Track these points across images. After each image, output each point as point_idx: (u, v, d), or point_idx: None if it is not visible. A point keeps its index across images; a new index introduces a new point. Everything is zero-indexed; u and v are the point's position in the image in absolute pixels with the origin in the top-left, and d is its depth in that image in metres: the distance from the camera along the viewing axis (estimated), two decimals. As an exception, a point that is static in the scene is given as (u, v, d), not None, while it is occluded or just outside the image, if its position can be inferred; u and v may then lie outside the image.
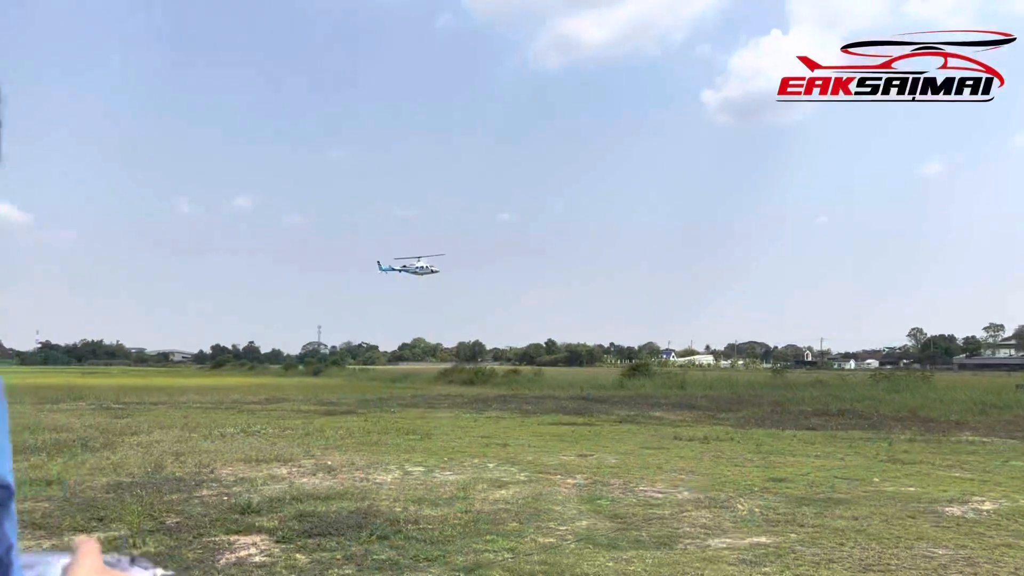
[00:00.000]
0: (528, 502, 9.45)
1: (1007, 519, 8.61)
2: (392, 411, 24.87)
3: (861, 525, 8.24)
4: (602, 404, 29.48)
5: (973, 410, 25.63)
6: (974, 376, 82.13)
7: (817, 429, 19.98)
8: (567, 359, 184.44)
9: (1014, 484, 11.09)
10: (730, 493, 10.19)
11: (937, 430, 19.79)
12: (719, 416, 24.16)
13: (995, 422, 22.28)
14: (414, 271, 79.71)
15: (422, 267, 79.50)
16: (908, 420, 22.76)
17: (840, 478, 11.49)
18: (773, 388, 40.50)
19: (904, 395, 32.13)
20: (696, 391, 39.80)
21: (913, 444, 16.47)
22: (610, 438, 17.20)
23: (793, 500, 9.68)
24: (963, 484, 11.06)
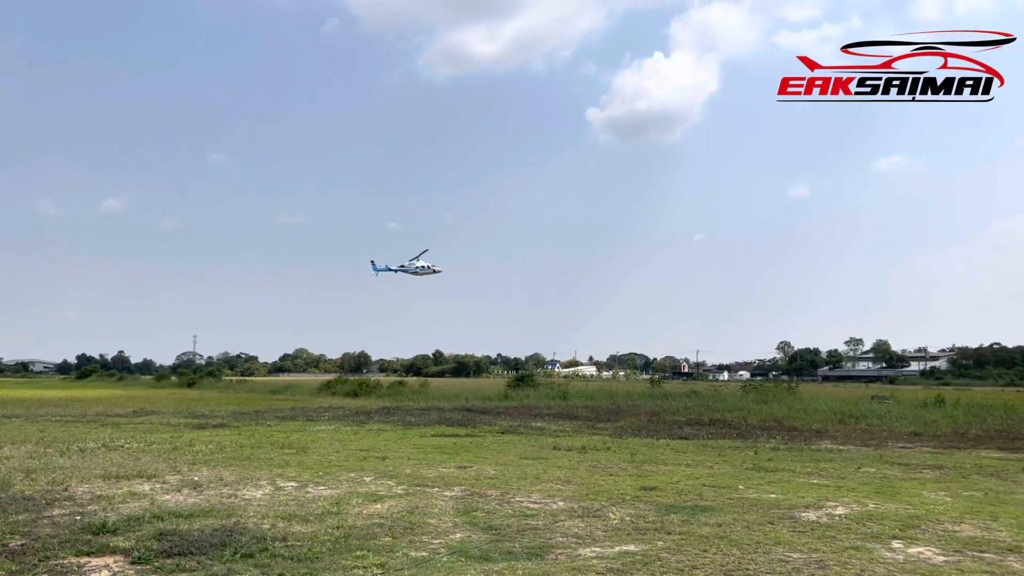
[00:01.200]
0: (403, 516, 9.32)
1: (857, 523, 9.15)
2: (268, 424, 24.08)
3: (724, 532, 8.55)
4: (486, 415, 29.54)
5: (833, 420, 27.21)
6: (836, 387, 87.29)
7: (689, 438, 20.69)
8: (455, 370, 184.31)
9: (865, 489, 11.80)
10: (603, 502, 10.39)
11: (800, 439, 20.89)
12: (598, 426, 24.66)
13: (852, 431, 23.72)
14: (413, 272, 75.53)
15: (422, 267, 75.13)
16: (774, 429, 23.92)
17: (708, 486, 11.93)
18: (650, 398, 41.69)
19: (771, 405, 33.71)
20: (578, 401, 40.49)
21: (777, 452, 17.31)
22: (491, 449, 17.24)
23: (662, 508, 9.96)
24: (820, 490, 11.69)
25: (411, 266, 75.00)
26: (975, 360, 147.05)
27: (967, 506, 10.39)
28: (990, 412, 29.12)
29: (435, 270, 76.12)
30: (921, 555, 7.62)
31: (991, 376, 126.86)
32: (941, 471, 14.19)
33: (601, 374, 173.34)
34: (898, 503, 10.53)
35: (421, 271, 75.16)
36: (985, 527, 8.97)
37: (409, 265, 75.07)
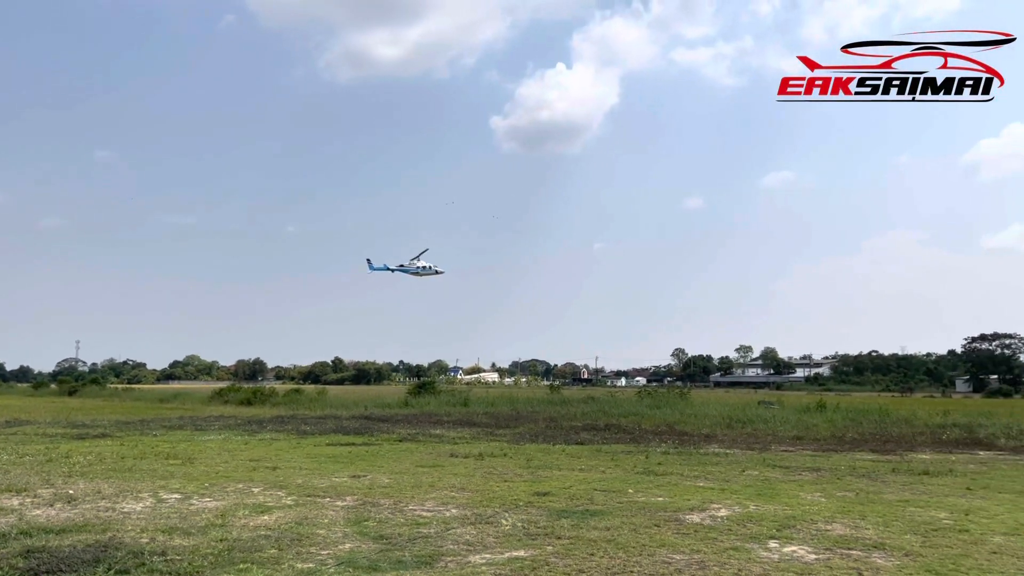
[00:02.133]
0: (291, 527, 9.11)
1: (737, 524, 9.52)
2: (154, 434, 23.09)
3: (612, 535, 8.74)
4: (384, 423, 29.21)
5: (721, 424, 28.20)
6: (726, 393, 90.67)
7: (585, 443, 21.05)
8: (355, 377, 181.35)
9: (747, 492, 12.29)
10: (497, 508, 10.45)
11: (690, 443, 21.56)
12: (497, 433, 24.76)
13: (738, 435, 24.66)
14: (413, 272, 71.69)
15: (423, 267, 71.26)
16: (666, 434, 24.61)
17: (599, 490, 12.17)
18: (550, 404, 42.16)
19: (664, 411, 34.67)
20: (478, 408, 40.52)
21: (667, 456, 17.81)
22: (387, 458, 17.06)
23: (554, 513, 10.10)
24: (705, 493, 12.11)
25: (411, 266, 71.34)
26: (855, 367, 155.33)
27: (839, 506, 10.96)
28: (866, 416, 30.80)
29: (437, 271, 72.40)
30: (795, 554, 7.99)
31: (869, 382, 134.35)
32: (818, 473, 14.93)
33: (503, 380, 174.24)
34: (777, 504, 11.01)
35: (422, 271, 71.53)
36: (854, 526, 9.48)
37: (409, 265, 71.43)
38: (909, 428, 27.05)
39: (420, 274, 71.74)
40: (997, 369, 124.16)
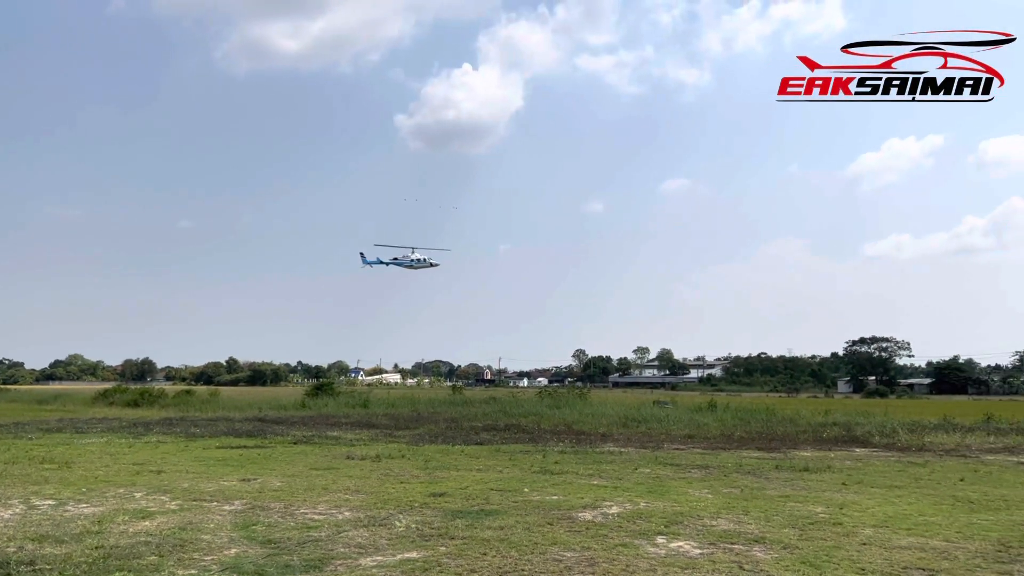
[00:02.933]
0: (174, 532, 8.77)
1: (628, 521, 9.74)
2: (29, 437, 21.79)
3: (506, 534, 8.80)
4: (279, 425, 28.48)
5: (618, 423, 28.81)
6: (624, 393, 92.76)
7: (485, 444, 21.11)
8: (250, 378, 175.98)
9: (639, 489, 12.59)
10: (391, 510, 10.35)
11: (587, 442, 21.93)
12: (396, 434, 24.53)
13: (634, 434, 25.25)
14: (407, 265, 69.60)
15: (418, 260, 69.15)
16: (564, 433, 24.95)
17: (495, 490, 12.23)
18: (451, 405, 42.11)
19: (564, 411, 35.15)
20: (378, 410, 40.04)
21: (564, 455, 18.06)
22: (280, 460, 16.64)
23: (449, 514, 10.08)
24: (598, 491, 12.34)
25: (404, 259, 69.69)
26: (745, 368, 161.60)
27: (725, 502, 11.37)
28: (753, 416, 32.09)
29: (432, 263, 70.42)
30: (681, 549, 8.24)
31: (758, 383, 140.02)
32: (707, 470, 15.45)
33: (406, 381, 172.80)
34: (666, 501, 11.33)
35: (417, 264, 69.79)
36: (738, 521, 9.86)
37: (403, 258, 69.74)
38: (793, 427, 28.30)
39: (414, 267, 70.26)
40: (875, 371, 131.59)
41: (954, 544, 8.56)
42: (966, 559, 7.87)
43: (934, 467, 16.54)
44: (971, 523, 9.83)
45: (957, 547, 8.41)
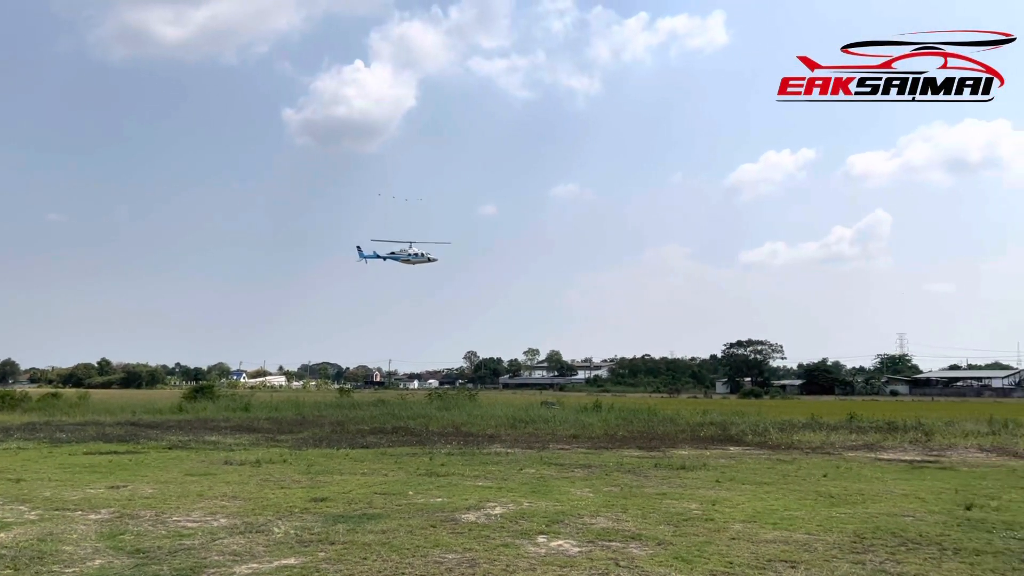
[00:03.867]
0: (32, 544, 8.25)
1: (510, 521, 9.84)
2: None
3: (388, 538, 8.73)
4: (154, 430, 27.21)
5: (505, 424, 29.05)
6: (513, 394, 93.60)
7: (371, 447, 20.85)
8: (124, 381, 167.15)
9: (523, 489, 12.74)
10: (270, 516, 10.08)
11: (474, 443, 22.00)
12: (279, 438, 23.90)
13: (521, 435, 25.52)
14: (404, 259, 66.60)
15: (416, 254, 66.24)
16: (452, 435, 24.95)
17: (379, 493, 12.10)
18: (338, 408, 41.36)
19: (453, 412, 35.18)
20: (261, 413, 38.87)
21: (451, 458, 18.06)
22: (153, 467, 15.91)
23: (330, 519, 9.91)
24: (483, 492, 12.41)
25: (402, 253, 66.96)
26: (630, 369, 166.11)
27: (605, 500, 11.66)
28: (636, 416, 33.06)
29: (430, 258, 67.63)
30: (560, 547, 8.40)
31: (642, 384, 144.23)
32: (589, 470, 15.79)
33: (291, 384, 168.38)
34: (549, 501, 11.51)
35: (415, 259, 67.01)
36: (616, 518, 10.13)
37: (400, 252, 66.96)
38: (673, 426, 29.31)
39: (412, 262, 67.92)
40: (751, 372, 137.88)
41: (815, 537, 9.08)
42: (824, 550, 8.36)
43: (800, 464, 17.48)
44: (831, 516, 10.45)
45: (817, 539, 8.93)
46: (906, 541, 8.84)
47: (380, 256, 68.38)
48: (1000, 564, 7.77)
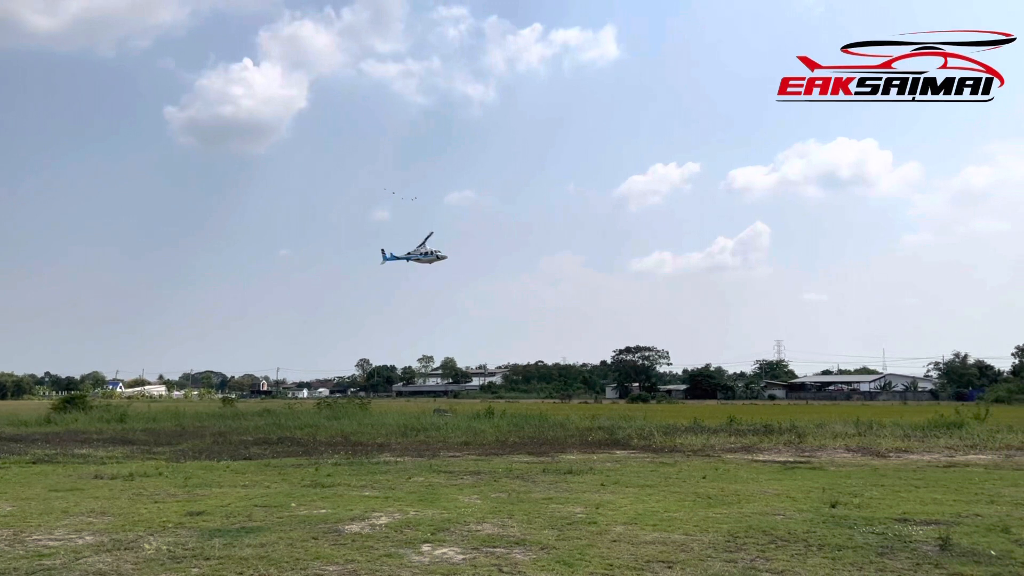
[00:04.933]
0: None
1: (395, 531, 9.73)
2: None
3: (267, 552, 8.46)
4: (17, 443, 25.49)
5: (397, 433, 28.72)
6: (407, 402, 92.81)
7: (254, 458, 20.20)
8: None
9: (410, 498, 12.63)
10: (141, 532, 9.61)
11: (363, 453, 21.66)
12: (155, 451, 22.83)
13: (412, 443, 25.30)
14: (418, 258, 67.55)
15: (428, 253, 67.29)
16: (340, 445, 24.47)
17: (260, 506, 11.73)
18: (221, 418, 39.81)
19: (343, 422, 34.49)
20: (137, 425, 36.97)
21: (338, 468, 17.71)
22: (13, 482, 14.90)
23: (206, 533, 9.53)
24: (369, 502, 12.22)
25: (416, 252, 67.65)
26: (523, 376, 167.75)
27: (492, 507, 11.70)
28: (527, 421, 33.32)
29: (440, 256, 68.35)
30: (445, 556, 8.36)
31: (535, 390, 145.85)
32: (478, 476, 15.82)
33: (172, 394, 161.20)
34: (436, 509, 11.45)
35: (426, 257, 67.68)
36: (502, 525, 10.18)
37: (415, 252, 67.70)
38: (563, 431, 29.73)
39: (428, 261, 68.50)
40: (639, 377, 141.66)
41: (692, 537, 9.39)
42: (700, 550, 8.66)
43: (681, 466, 18.06)
44: (708, 517, 10.83)
45: (694, 539, 9.24)
46: (776, 539, 9.27)
47: (398, 257, 69.21)
48: (859, 558, 8.25)
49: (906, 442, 24.57)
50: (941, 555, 8.34)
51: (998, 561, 8.10)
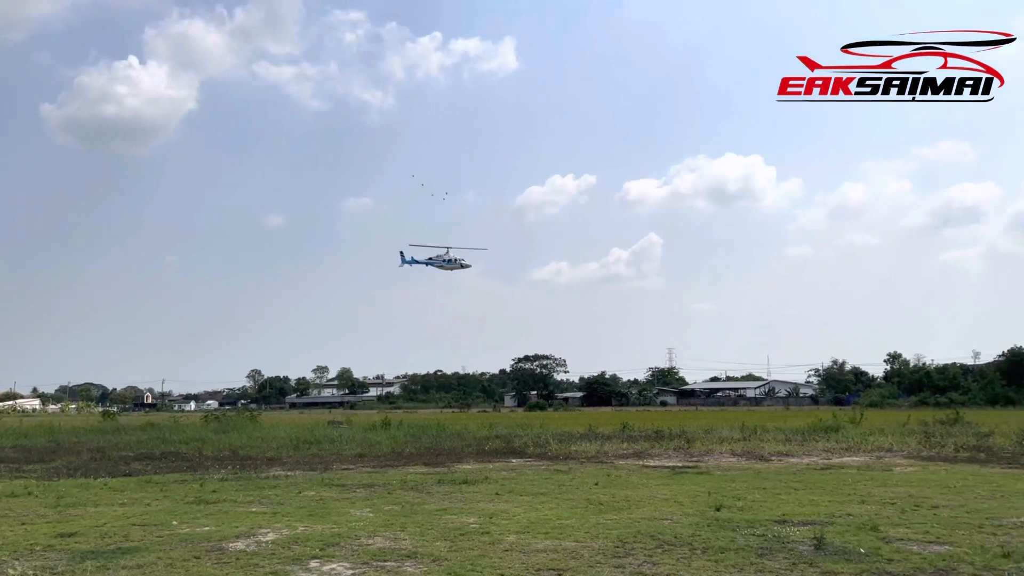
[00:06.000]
0: None
1: (283, 547, 9.45)
2: None
3: (144, 573, 8.08)
4: None
5: (288, 446, 27.96)
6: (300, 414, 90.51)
7: (134, 475, 19.25)
8: None
9: (299, 513, 12.30)
10: (4, 557, 8.99)
11: (252, 467, 20.98)
12: (25, 468, 21.43)
13: (304, 456, 24.68)
14: (441, 264, 65.35)
15: (453, 260, 65.19)
16: (228, 459, 23.63)
17: (138, 525, 11.18)
18: (100, 433, 37.74)
19: (231, 435, 33.31)
20: (6, 441, 34.62)
21: (225, 483, 17.09)
22: None
23: (78, 555, 9.01)
24: (256, 518, 11.83)
25: (438, 259, 65.59)
26: (422, 385, 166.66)
27: (385, 520, 11.54)
28: (424, 432, 33.09)
29: (463, 264, 66.27)
30: (334, 571, 8.19)
31: (434, 399, 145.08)
32: (372, 489, 15.57)
33: (47, 408, 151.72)
34: (326, 524, 11.19)
35: (449, 264, 65.59)
36: (394, 538, 10.04)
37: (437, 258, 65.62)
38: (460, 441, 29.68)
39: (448, 268, 66.18)
40: (536, 386, 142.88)
41: (582, 544, 9.52)
42: (590, 556, 8.79)
43: (576, 473, 18.32)
44: (598, 523, 11.01)
45: (584, 546, 9.37)
46: (663, 543, 9.51)
47: (419, 261, 66.94)
48: (740, 559, 8.56)
49: (787, 446, 25.74)
50: (816, 554, 8.76)
51: (866, 558, 8.56)
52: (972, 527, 10.45)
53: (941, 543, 9.39)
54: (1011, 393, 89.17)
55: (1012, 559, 8.40)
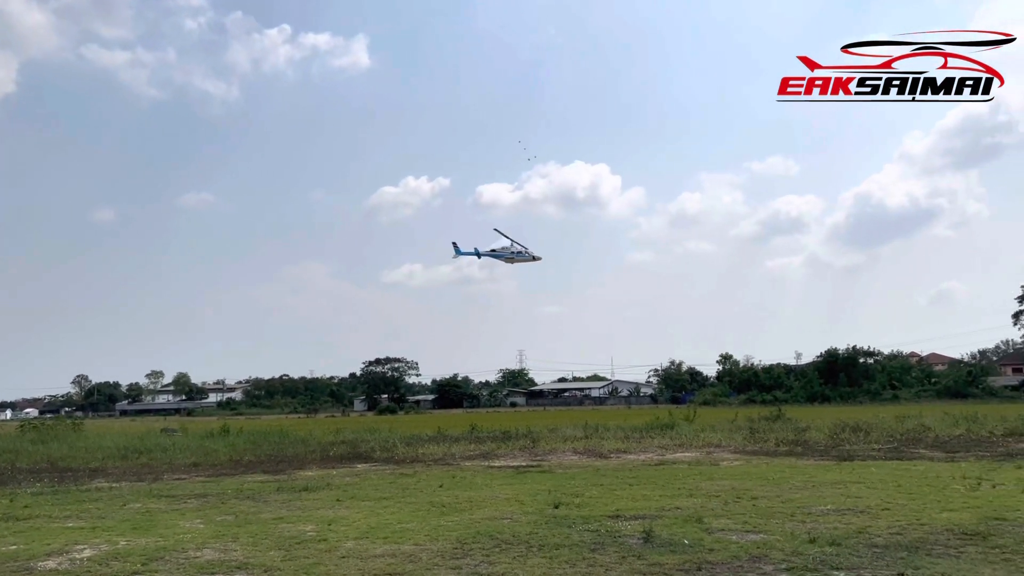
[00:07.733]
0: None
1: (100, 564, 8.84)
2: None
3: (-67, 601, 7.32)
4: None
5: (115, 456, 26.22)
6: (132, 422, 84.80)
7: (-68, 493, 17.41)
8: None
9: (122, 527, 11.56)
10: None
11: (72, 479, 19.53)
12: None
13: (132, 466, 23.22)
14: (506, 258, 59.57)
15: (519, 252, 58.93)
16: (45, 472, 21.86)
17: (-69, 549, 10.12)
18: None
19: (50, 445, 30.83)
20: None
21: (39, 498, 15.81)
22: None
23: None
24: (72, 534, 11.02)
25: (503, 251, 59.58)
26: (267, 390, 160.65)
27: (216, 531, 11.04)
28: (266, 439, 31.95)
29: (534, 256, 60.06)
30: (155, 587, 7.73)
31: (279, 405, 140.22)
32: (204, 499, 14.86)
33: None
34: (151, 537, 10.58)
35: (519, 256, 59.44)
36: (225, 549, 9.63)
37: (501, 250, 59.70)
38: (304, 447, 28.85)
39: (513, 260, 60.19)
40: (388, 389, 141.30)
41: (421, 547, 9.50)
42: (428, 559, 8.79)
43: (421, 476, 18.27)
44: (439, 526, 11.03)
45: (423, 549, 9.36)
46: (501, 542, 9.65)
47: (479, 253, 61.92)
48: (573, 555, 8.82)
49: (626, 443, 26.82)
50: (644, 547, 9.16)
51: (690, 549, 9.05)
52: (785, 516, 11.28)
53: (757, 532, 10.08)
54: (827, 391, 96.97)
55: (817, 544, 9.13)
